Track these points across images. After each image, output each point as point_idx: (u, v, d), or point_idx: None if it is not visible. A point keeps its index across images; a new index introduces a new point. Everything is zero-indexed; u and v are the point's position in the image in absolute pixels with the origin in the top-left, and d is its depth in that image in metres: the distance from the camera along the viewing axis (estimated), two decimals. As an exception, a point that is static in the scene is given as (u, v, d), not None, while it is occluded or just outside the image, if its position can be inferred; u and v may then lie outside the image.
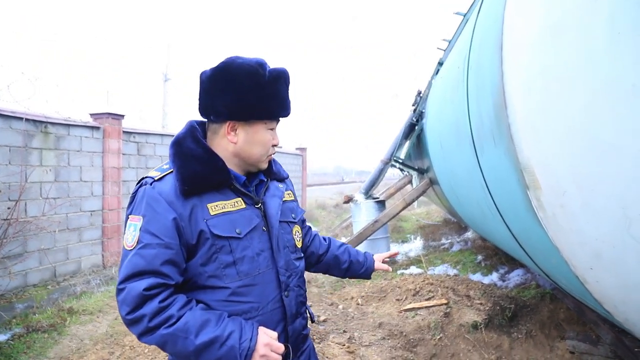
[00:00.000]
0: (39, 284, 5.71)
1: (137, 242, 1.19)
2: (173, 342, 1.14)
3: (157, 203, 1.22)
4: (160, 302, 1.15)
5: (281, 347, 1.24)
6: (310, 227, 1.78)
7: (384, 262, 1.83)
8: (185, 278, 1.26)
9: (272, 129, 1.38)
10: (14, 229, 5.06)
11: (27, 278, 5.56)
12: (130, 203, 1.29)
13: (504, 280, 5.20)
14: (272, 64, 1.37)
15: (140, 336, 1.15)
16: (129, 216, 1.27)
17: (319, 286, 5.43)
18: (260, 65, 1.29)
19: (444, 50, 6.65)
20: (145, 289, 1.14)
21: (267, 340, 1.21)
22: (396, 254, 1.91)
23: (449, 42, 6.34)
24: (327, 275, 1.85)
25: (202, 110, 1.36)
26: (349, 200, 7.87)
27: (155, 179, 1.27)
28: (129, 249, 1.20)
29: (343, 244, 1.80)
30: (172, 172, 1.29)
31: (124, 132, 7.11)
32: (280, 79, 1.32)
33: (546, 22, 1.53)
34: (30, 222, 5.41)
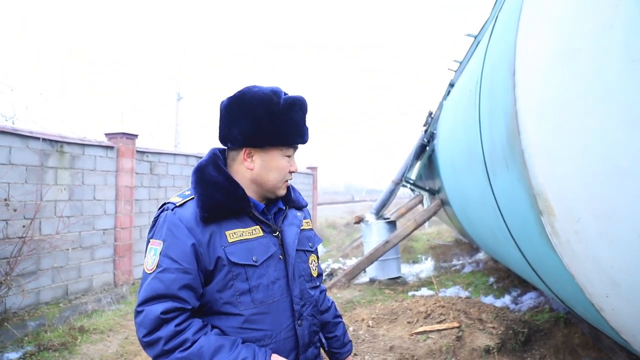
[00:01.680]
0: (51, 301, 5.75)
1: (157, 266, 1.21)
2: None
3: (177, 229, 1.24)
4: (176, 325, 1.17)
5: None
6: (321, 275, 1.71)
7: None
8: (202, 303, 1.27)
9: (288, 156, 1.40)
10: (28, 247, 5.12)
11: (40, 296, 5.60)
12: (152, 227, 1.32)
13: (516, 304, 5.12)
14: (290, 91, 1.40)
15: (155, 358, 1.17)
16: (150, 240, 1.29)
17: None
18: (275, 93, 1.32)
19: (455, 72, 6.70)
20: (163, 312, 1.16)
21: None
22: None
23: (460, 63, 6.38)
24: (338, 296, 1.80)
25: (221, 137, 1.39)
26: (360, 220, 7.87)
27: (177, 204, 1.30)
28: (149, 272, 1.23)
29: (339, 316, 1.74)
30: (193, 198, 1.31)
31: (137, 151, 7.21)
32: (294, 106, 1.34)
33: (560, 47, 1.55)
34: (45, 240, 5.47)
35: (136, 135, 7.12)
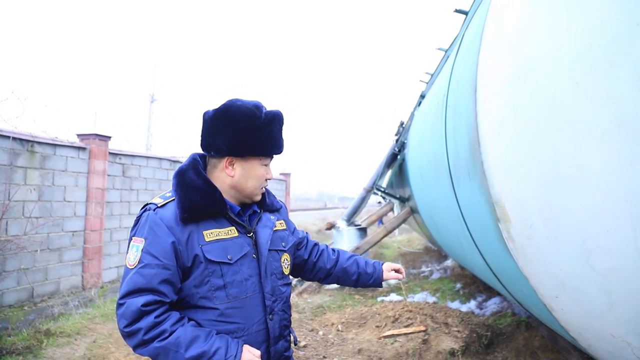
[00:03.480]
0: (15, 304, 5.62)
1: (139, 262, 1.30)
2: (165, 354, 1.24)
3: (158, 227, 1.34)
4: (155, 317, 1.26)
5: None
6: (317, 243, 1.89)
7: (393, 270, 1.87)
8: (180, 297, 1.36)
9: (266, 165, 1.51)
10: (-6, 248, 5.02)
11: (4, 298, 5.47)
12: (134, 226, 1.40)
13: (481, 308, 5.31)
14: (264, 98, 1.51)
15: (135, 348, 1.26)
16: (132, 237, 1.38)
17: (299, 312, 5.46)
18: (257, 107, 1.43)
19: (426, 83, 6.90)
20: (143, 305, 1.25)
21: (251, 357, 1.31)
22: (401, 271, 1.87)
23: (431, 75, 6.58)
24: (308, 301, 1.94)
25: (204, 146, 1.49)
26: (331, 226, 7.97)
27: (159, 205, 1.39)
28: (131, 267, 1.31)
29: (352, 255, 1.90)
30: (173, 200, 1.41)
31: (110, 153, 7.14)
32: (274, 120, 1.46)
33: (515, 69, 1.70)
34: (11, 241, 5.36)
35: (109, 137, 7.05)
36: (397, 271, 1.87)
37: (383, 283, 1.93)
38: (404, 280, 7.34)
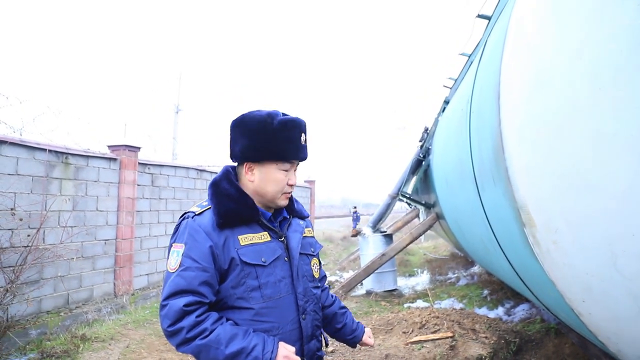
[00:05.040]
0: (52, 310, 5.84)
1: (180, 266, 1.39)
2: (206, 351, 1.32)
3: (197, 233, 1.43)
4: (197, 316, 1.34)
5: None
6: (324, 276, 1.89)
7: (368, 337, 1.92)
8: (218, 299, 1.45)
9: (285, 170, 1.57)
10: (32, 256, 5.23)
11: (42, 304, 5.69)
12: (174, 233, 1.50)
13: (509, 315, 5.25)
14: (289, 110, 1.59)
15: (178, 346, 1.34)
16: (172, 244, 1.47)
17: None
18: (269, 115, 1.51)
19: (450, 89, 6.90)
20: (185, 305, 1.33)
21: (286, 353, 1.39)
22: (372, 345, 1.96)
23: (455, 80, 6.58)
24: None
25: (230, 155, 1.60)
26: (357, 233, 8.00)
27: (196, 213, 1.49)
28: (172, 271, 1.40)
29: (345, 307, 1.95)
30: (209, 208, 1.50)
31: (139, 163, 7.36)
32: (288, 125, 1.52)
33: (537, 75, 1.72)
34: (48, 250, 5.58)
35: (139, 148, 7.27)
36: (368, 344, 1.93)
37: (407, 288, 1.97)
38: (431, 287, 7.30)
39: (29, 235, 5.26)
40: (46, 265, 5.66)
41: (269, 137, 1.49)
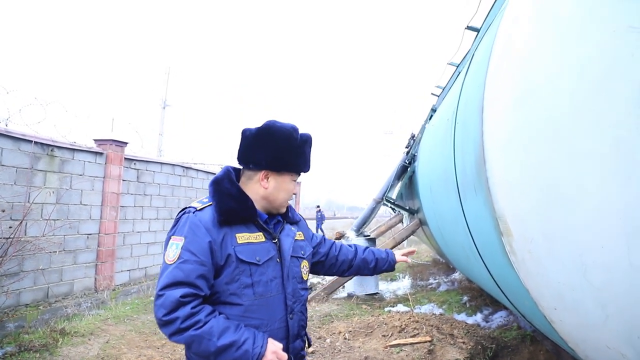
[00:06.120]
0: (31, 303, 5.77)
1: (178, 258, 1.45)
2: (199, 342, 1.38)
3: (197, 228, 1.49)
4: (192, 308, 1.40)
5: (285, 356, 1.48)
6: (334, 242, 2.11)
7: (403, 255, 2.23)
8: (211, 293, 1.51)
9: (295, 180, 1.71)
10: (14, 248, 5.18)
11: (20, 297, 5.63)
12: (173, 226, 1.56)
13: (487, 321, 5.35)
14: (281, 117, 1.69)
15: (171, 335, 1.39)
16: (171, 237, 1.53)
17: (308, 319, 5.54)
18: (294, 130, 1.64)
19: (438, 97, 7.00)
20: (182, 296, 1.39)
21: (275, 348, 1.47)
22: (414, 251, 2.28)
23: (443, 89, 6.69)
24: (316, 309, 2.10)
25: (243, 159, 1.67)
26: (340, 236, 8.05)
27: (198, 209, 1.56)
28: (170, 263, 1.45)
29: (367, 247, 2.17)
30: (211, 205, 1.57)
31: (125, 158, 7.32)
32: (306, 142, 1.68)
33: (519, 92, 1.80)
34: (30, 242, 5.53)
35: (126, 143, 7.24)
36: (409, 253, 2.23)
37: (389, 292, 2.12)
38: (412, 292, 7.40)
39: (10, 227, 5.21)
40: (27, 258, 5.60)
41: (293, 152, 1.63)
